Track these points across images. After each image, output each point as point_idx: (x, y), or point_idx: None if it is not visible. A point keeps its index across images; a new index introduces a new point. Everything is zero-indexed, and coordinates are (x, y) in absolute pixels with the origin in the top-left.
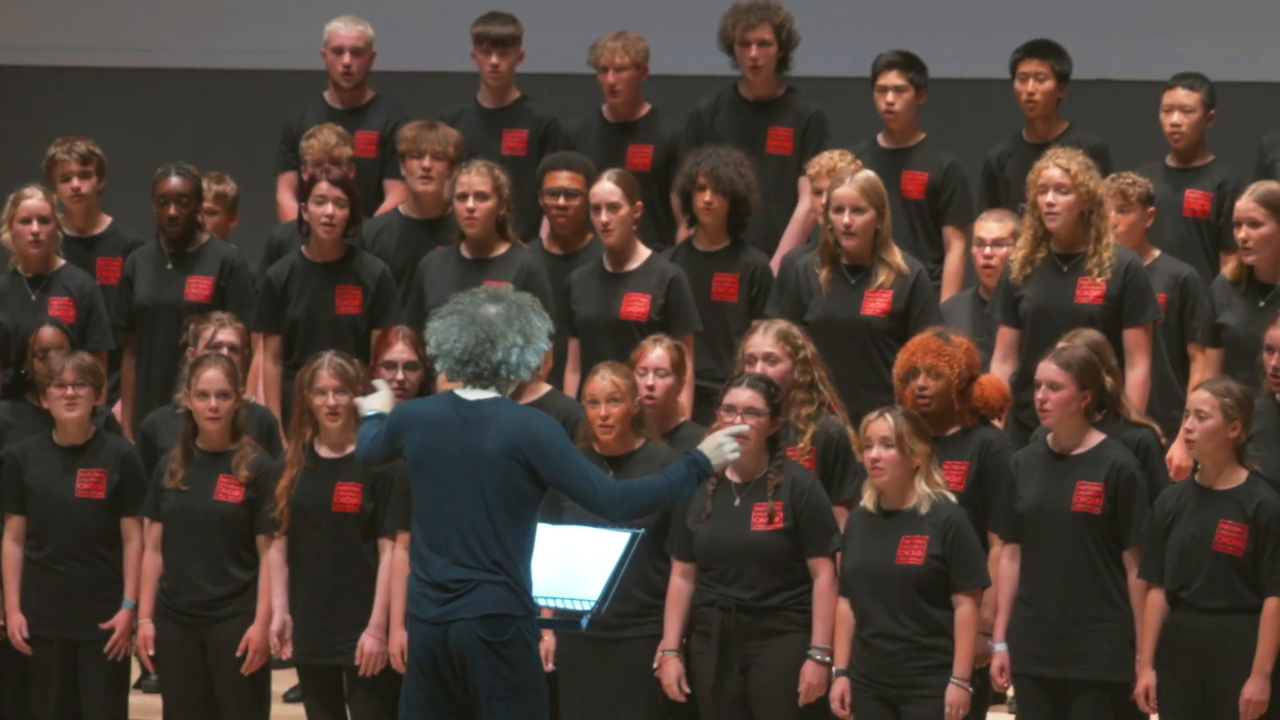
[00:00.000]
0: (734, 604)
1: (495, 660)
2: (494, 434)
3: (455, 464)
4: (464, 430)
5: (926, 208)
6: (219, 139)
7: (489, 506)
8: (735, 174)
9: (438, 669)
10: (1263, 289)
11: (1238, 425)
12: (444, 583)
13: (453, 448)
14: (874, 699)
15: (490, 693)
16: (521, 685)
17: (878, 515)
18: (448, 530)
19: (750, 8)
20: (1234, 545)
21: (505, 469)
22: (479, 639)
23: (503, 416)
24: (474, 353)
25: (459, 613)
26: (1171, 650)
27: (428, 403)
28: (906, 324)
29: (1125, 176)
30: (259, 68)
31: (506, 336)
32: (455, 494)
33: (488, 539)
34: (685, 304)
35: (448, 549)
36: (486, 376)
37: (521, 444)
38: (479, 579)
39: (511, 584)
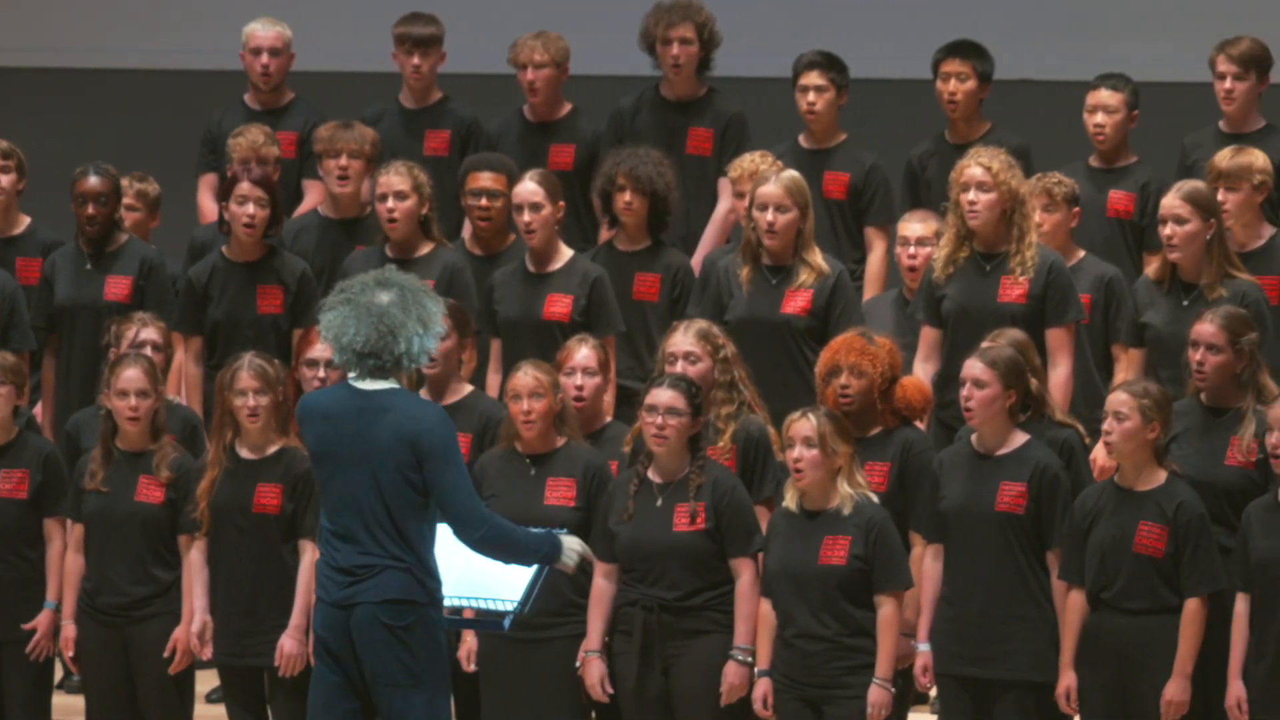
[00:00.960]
0: (656, 604)
1: (396, 645)
2: (390, 425)
3: (353, 454)
4: (361, 421)
5: (848, 208)
6: (139, 140)
7: (386, 496)
8: (654, 174)
9: (339, 653)
10: (1186, 288)
11: (1156, 426)
12: (349, 568)
13: (350, 438)
14: (796, 699)
15: (390, 679)
16: (423, 673)
17: (800, 516)
18: (351, 520)
19: (672, 7)
20: (1154, 546)
21: (400, 460)
22: (380, 623)
23: (400, 408)
24: (375, 346)
25: (361, 596)
26: (1093, 651)
27: (324, 394)
28: (826, 324)
29: (1051, 176)
30: (179, 68)
31: (406, 326)
32: (356, 484)
33: (388, 528)
34: (607, 304)
35: (353, 538)
36: (389, 368)
37: (415, 439)
38: (382, 564)
39: (415, 571)
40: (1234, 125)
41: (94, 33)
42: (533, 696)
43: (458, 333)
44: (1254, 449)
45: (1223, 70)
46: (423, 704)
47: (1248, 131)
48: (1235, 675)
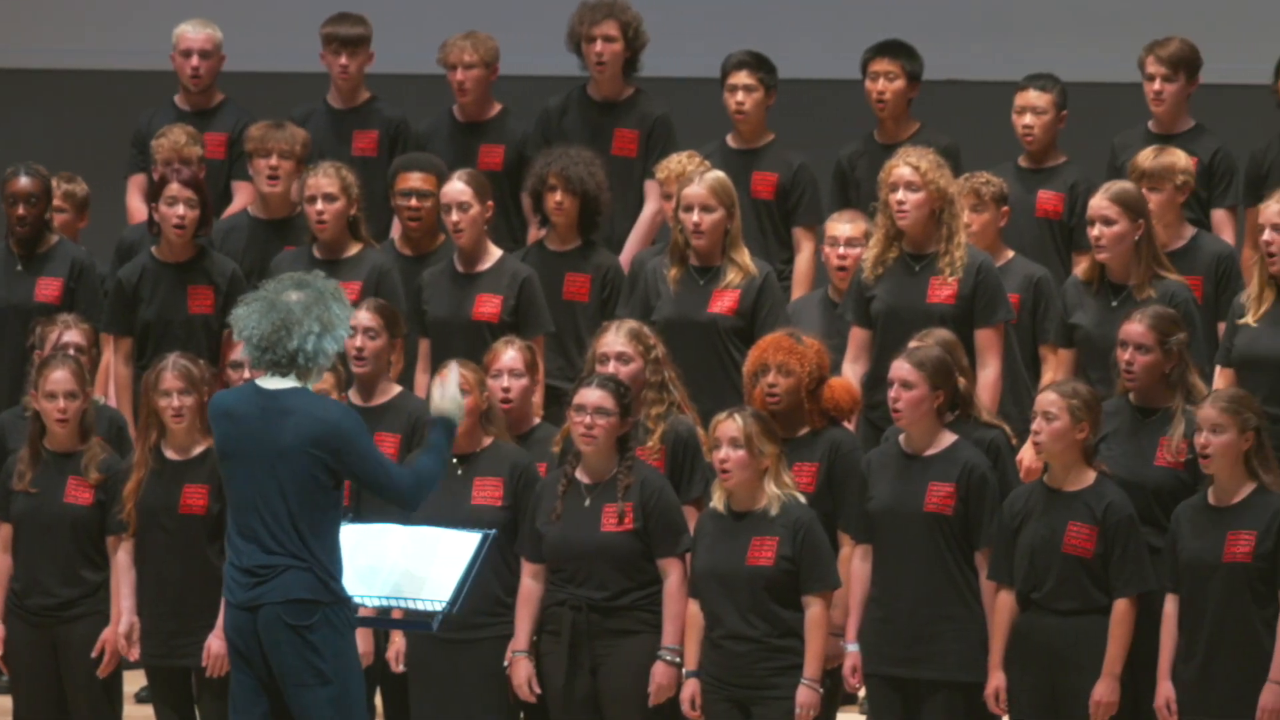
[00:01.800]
0: (584, 604)
1: (301, 646)
2: (293, 426)
3: (256, 454)
4: (263, 421)
5: (776, 208)
6: (68, 140)
7: (288, 497)
8: (585, 174)
9: (250, 654)
10: (1115, 289)
11: (1085, 426)
12: (252, 568)
13: (252, 438)
14: (724, 700)
15: (297, 679)
16: (331, 672)
17: (727, 516)
18: (254, 519)
19: (597, 5)
20: (1083, 547)
21: (303, 461)
22: (284, 624)
23: (302, 409)
24: (270, 340)
25: (265, 597)
26: (1022, 651)
27: (231, 394)
28: (753, 324)
29: (979, 176)
30: (109, 69)
31: (303, 324)
32: (258, 483)
33: (289, 529)
34: (536, 305)
35: (255, 537)
36: (284, 364)
37: (320, 437)
38: (284, 564)
39: (317, 571)
40: (1163, 126)
41: (23, 33)
42: (461, 696)
43: (387, 333)
44: (1183, 449)
45: (1152, 71)
46: (330, 702)
47: (1177, 132)
48: (1164, 676)
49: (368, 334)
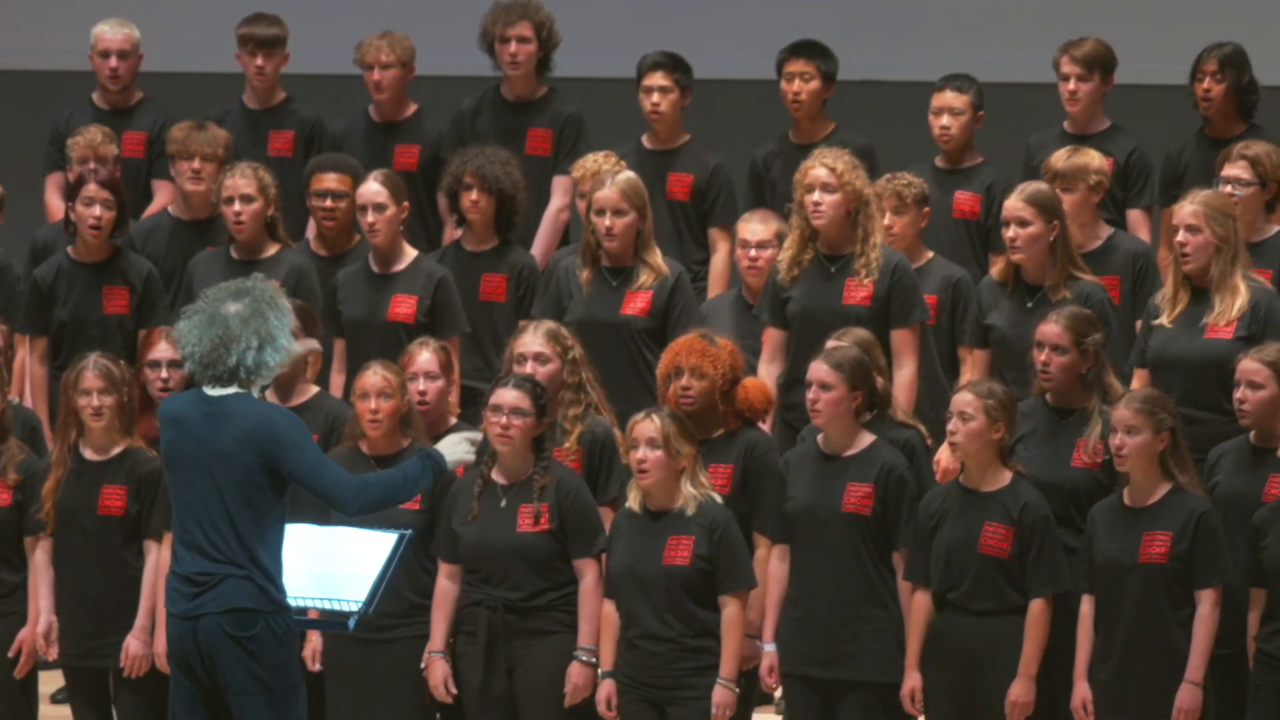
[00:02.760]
0: (500, 605)
1: (242, 655)
2: (232, 430)
3: (198, 460)
4: (205, 426)
5: (691, 209)
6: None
7: (228, 502)
8: (502, 173)
9: (191, 665)
10: (1031, 290)
11: (1001, 427)
12: (192, 577)
13: (195, 444)
14: (640, 700)
15: (239, 688)
16: (271, 681)
17: (644, 516)
18: (195, 526)
19: (510, 6)
20: (999, 547)
21: (243, 465)
22: (225, 634)
23: (242, 412)
24: (210, 357)
25: (205, 607)
26: (938, 652)
27: (178, 399)
28: (665, 325)
29: (901, 178)
30: (26, 68)
31: (240, 339)
32: (200, 490)
33: (230, 535)
34: (452, 305)
35: (196, 544)
36: (226, 379)
37: (260, 439)
38: (224, 573)
39: (257, 579)
40: (1079, 126)
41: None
42: (377, 697)
43: (304, 333)
44: (1100, 450)
45: (1067, 71)
46: (272, 709)
47: (1092, 132)
48: (1081, 676)
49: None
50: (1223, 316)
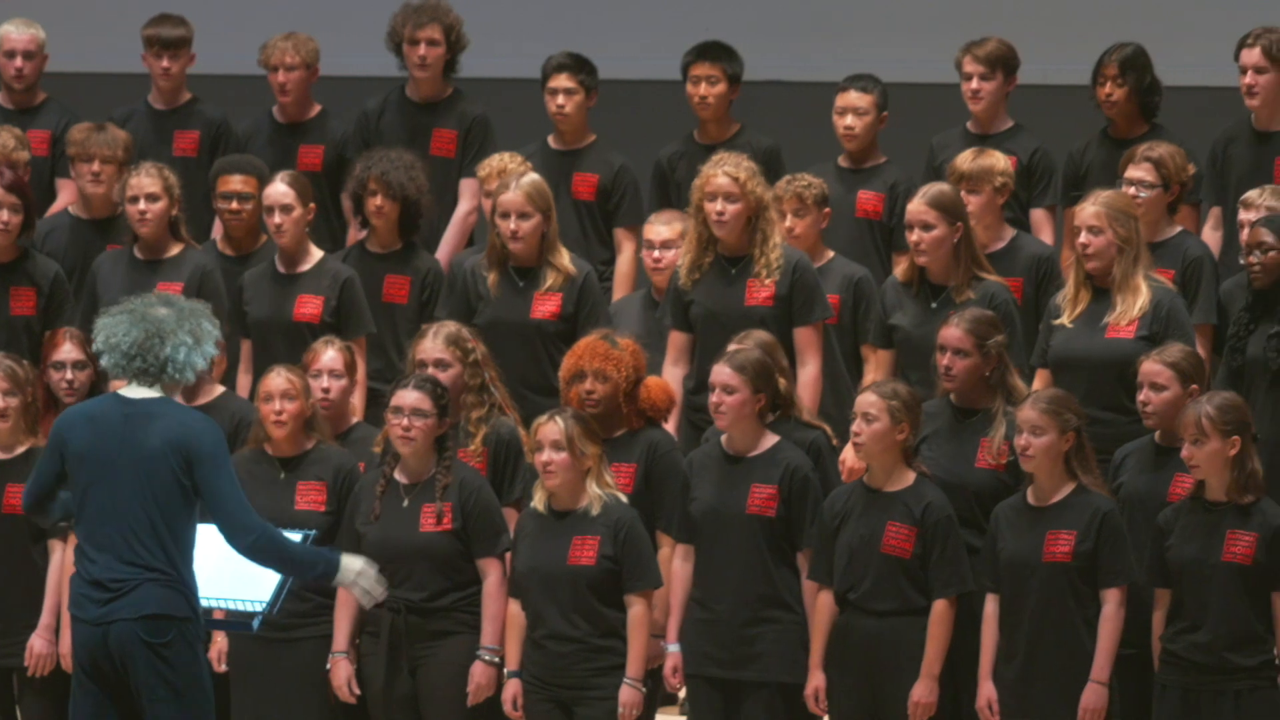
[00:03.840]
0: (404, 605)
1: (156, 661)
2: (159, 431)
3: (117, 461)
4: (127, 427)
5: (597, 209)
6: None
7: (151, 505)
8: (406, 178)
9: (100, 670)
10: (934, 290)
11: (905, 427)
12: (105, 582)
13: (115, 445)
14: (546, 700)
15: (151, 694)
16: (183, 687)
17: (549, 516)
18: (110, 529)
19: (420, 7)
20: (901, 547)
21: (168, 466)
22: (139, 640)
23: (169, 414)
24: (142, 347)
25: (118, 613)
26: (841, 652)
27: (90, 403)
28: (574, 326)
29: (801, 178)
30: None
31: (176, 334)
32: (118, 492)
33: (149, 538)
34: (357, 305)
35: (111, 548)
36: (153, 373)
37: (185, 443)
38: (140, 578)
39: (175, 584)
40: (981, 126)
41: None
42: (281, 697)
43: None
44: (1004, 451)
45: (969, 71)
46: (183, 715)
47: (995, 132)
48: (985, 676)
49: None
50: (1124, 316)
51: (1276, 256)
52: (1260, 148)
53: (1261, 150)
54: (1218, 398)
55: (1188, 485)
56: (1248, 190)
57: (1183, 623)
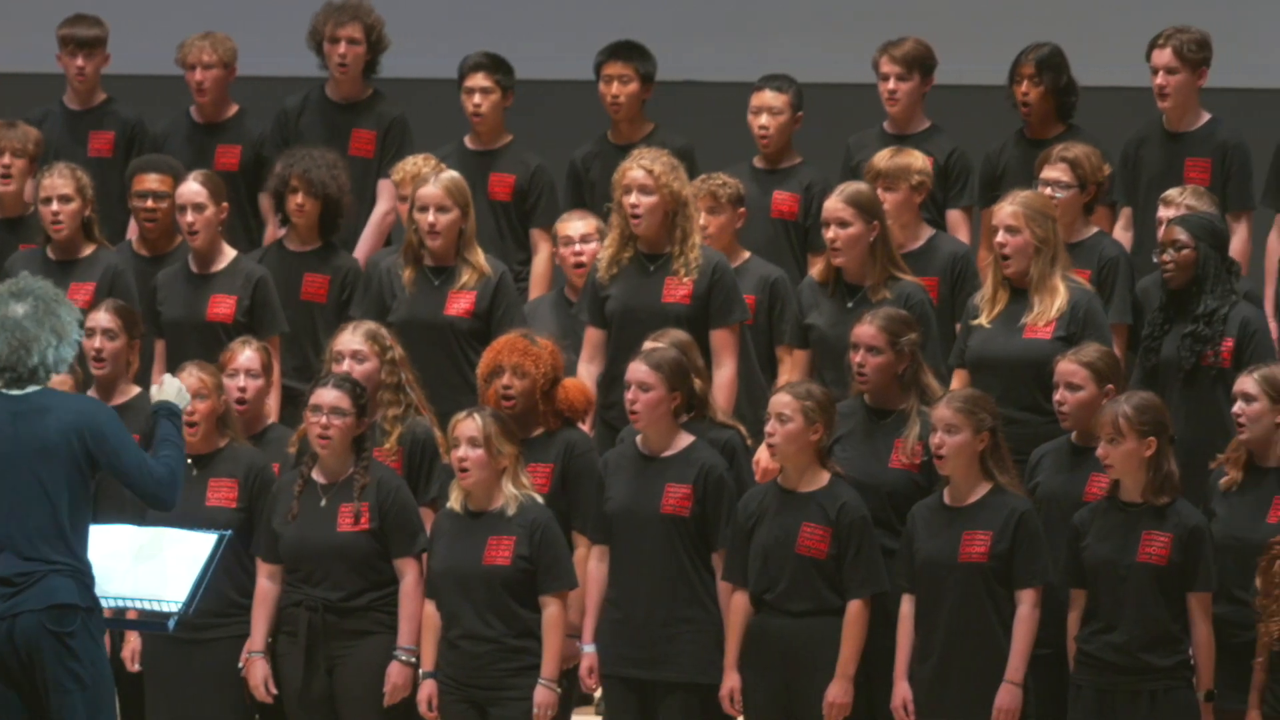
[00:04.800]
0: (320, 604)
1: (62, 651)
2: (54, 422)
3: (14, 459)
4: (18, 424)
5: (513, 209)
6: None
7: (52, 496)
8: (328, 176)
9: (5, 667)
10: (851, 290)
11: (819, 428)
12: (8, 578)
13: (9, 444)
14: (462, 701)
15: (58, 686)
16: (89, 679)
17: (465, 516)
18: (11, 526)
19: (342, 7)
20: (816, 548)
21: (69, 455)
22: (45, 630)
23: (60, 405)
24: (9, 360)
25: (24, 605)
26: (757, 652)
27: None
28: (489, 325)
29: (716, 178)
30: None
31: (40, 339)
32: (17, 489)
33: (51, 533)
34: (271, 305)
35: (11, 545)
36: (26, 379)
37: (82, 430)
38: (44, 571)
39: (77, 575)
40: (898, 126)
41: None
42: (196, 697)
43: (126, 334)
44: (919, 451)
45: (886, 71)
46: (85, 707)
47: (912, 133)
48: (901, 676)
49: (107, 335)
50: (1041, 317)
51: (1190, 255)
52: (1171, 148)
53: (1172, 151)
54: (1135, 398)
55: (1104, 485)
56: (1159, 191)
57: (1098, 623)
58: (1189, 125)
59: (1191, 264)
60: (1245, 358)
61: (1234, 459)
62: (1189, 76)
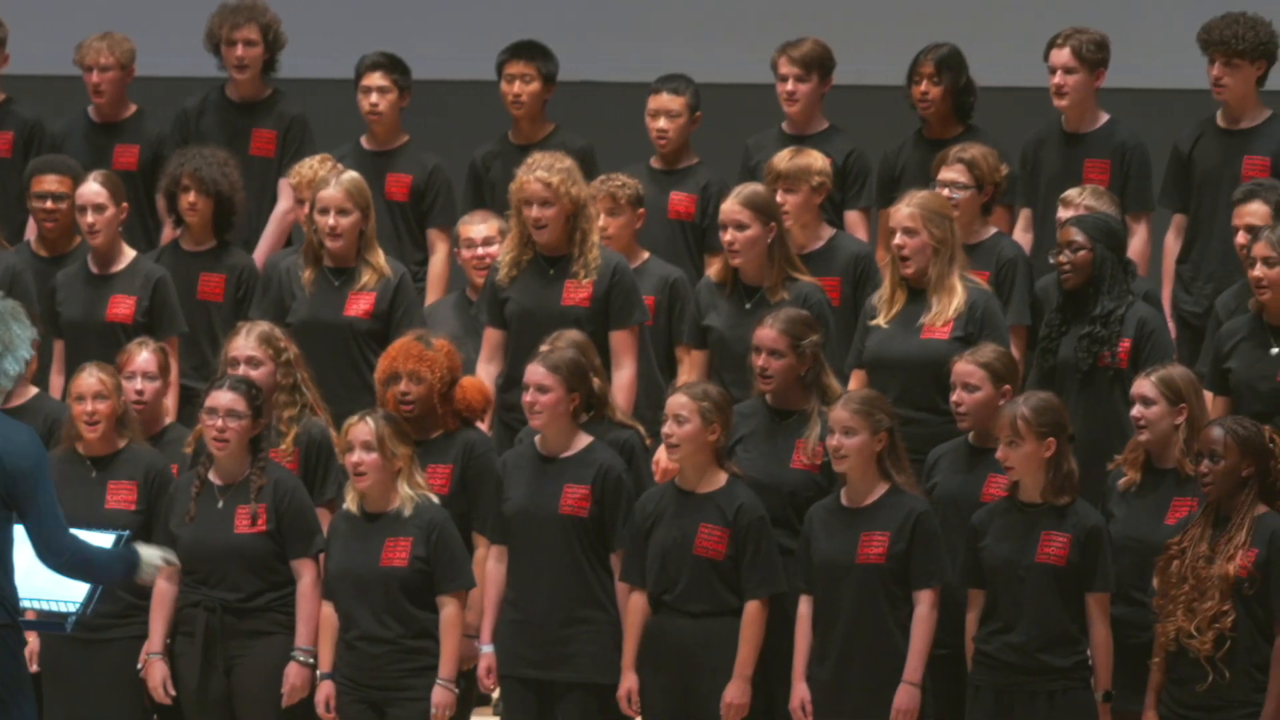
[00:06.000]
0: (218, 605)
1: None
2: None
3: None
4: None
5: (410, 210)
6: None
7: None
8: (219, 174)
9: None
10: (749, 291)
11: (716, 428)
12: None
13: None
14: (359, 701)
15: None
16: (8, 695)
17: (361, 518)
18: None
19: (237, 8)
20: (714, 549)
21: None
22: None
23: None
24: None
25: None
26: (654, 653)
27: None
28: (389, 326)
29: (615, 179)
30: None
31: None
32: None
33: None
34: (170, 306)
35: None
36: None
37: (4, 458)
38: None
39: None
40: (797, 127)
41: None
42: (94, 697)
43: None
44: (819, 452)
45: (785, 72)
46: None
47: (811, 133)
48: (799, 677)
49: None
50: (940, 317)
51: (1087, 256)
52: (1070, 149)
53: (1071, 152)
54: (1033, 399)
55: (1001, 485)
56: (1058, 192)
57: (996, 623)
58: (1088, 126)
59: (1088, 265)
60: (1142, 358)
61: (1132, 460)
62: (1087, 77)
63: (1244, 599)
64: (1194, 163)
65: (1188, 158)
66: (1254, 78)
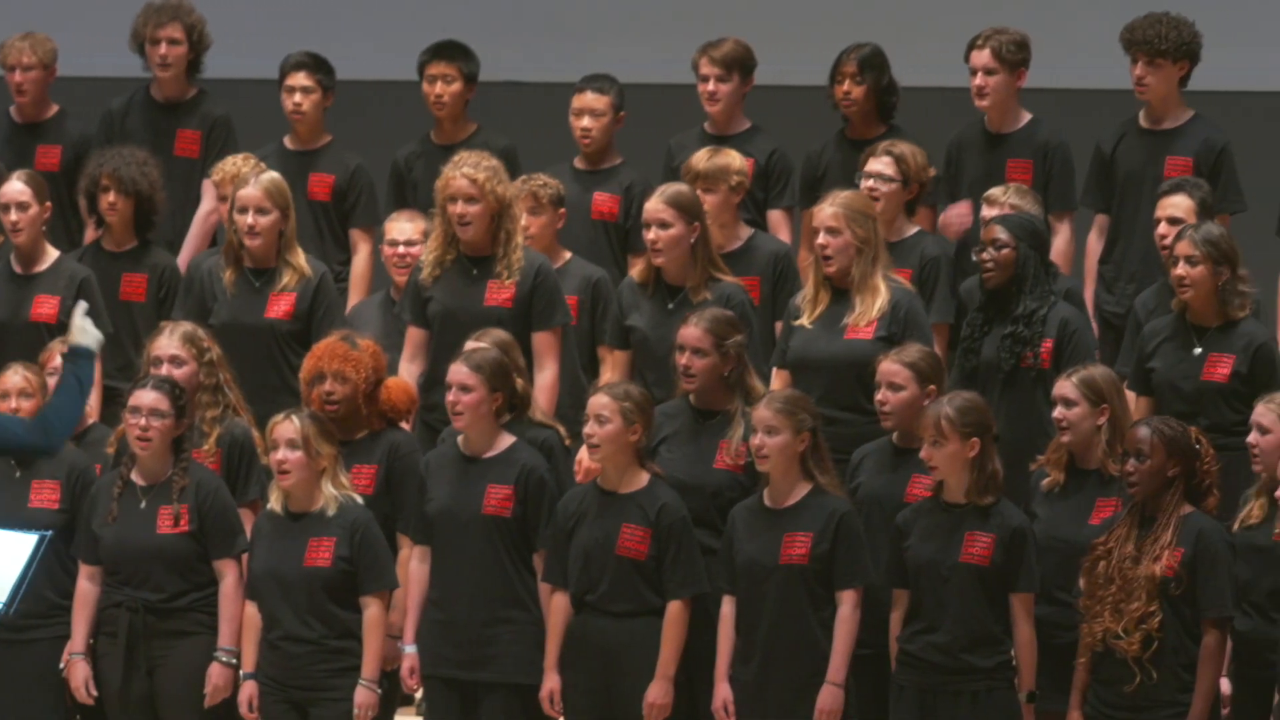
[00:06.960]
0: (141, 606)
1: None
2: None
3: None
4: None
5: (333, 210)
6: None
7: None
8: (139, 174)
9: None
10: (672, 291)
11: (638, 428)
12: None
13: None
14: (282, 702)
15: None
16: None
17: (285, 517)
18: None
19: (161, 7)
20: (636, 549)
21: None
22: None
23: None
24: None
25: None
26: (577, 653)
27: None
28: (310, 326)
29: (536, 178)
30: None
31: None
32: None
33: None
34: (94, 306)
35: None
36: None
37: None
38: None
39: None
40: (719, 127)
41: None
42: (16, 697)
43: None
44: (742, 452)
45: (706, 72)
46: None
47: (732, 133)
48: (721, 677)
49: None
50: (863, 317)
51: (1010, 254)
52: (992, 150)
53: (994, 152)
54: (957, 399)
55: (925, 485)
56: (981, 192)
57: (920, 623)
58: (1010, 126)
59: (1011, 263)
60: (1064, 358)
61: (1055, 460)
62: (1008, 77)
63: (1170, 599)
64: (1116, 163)
65: (1110, 158)
66: (1176, 78)
